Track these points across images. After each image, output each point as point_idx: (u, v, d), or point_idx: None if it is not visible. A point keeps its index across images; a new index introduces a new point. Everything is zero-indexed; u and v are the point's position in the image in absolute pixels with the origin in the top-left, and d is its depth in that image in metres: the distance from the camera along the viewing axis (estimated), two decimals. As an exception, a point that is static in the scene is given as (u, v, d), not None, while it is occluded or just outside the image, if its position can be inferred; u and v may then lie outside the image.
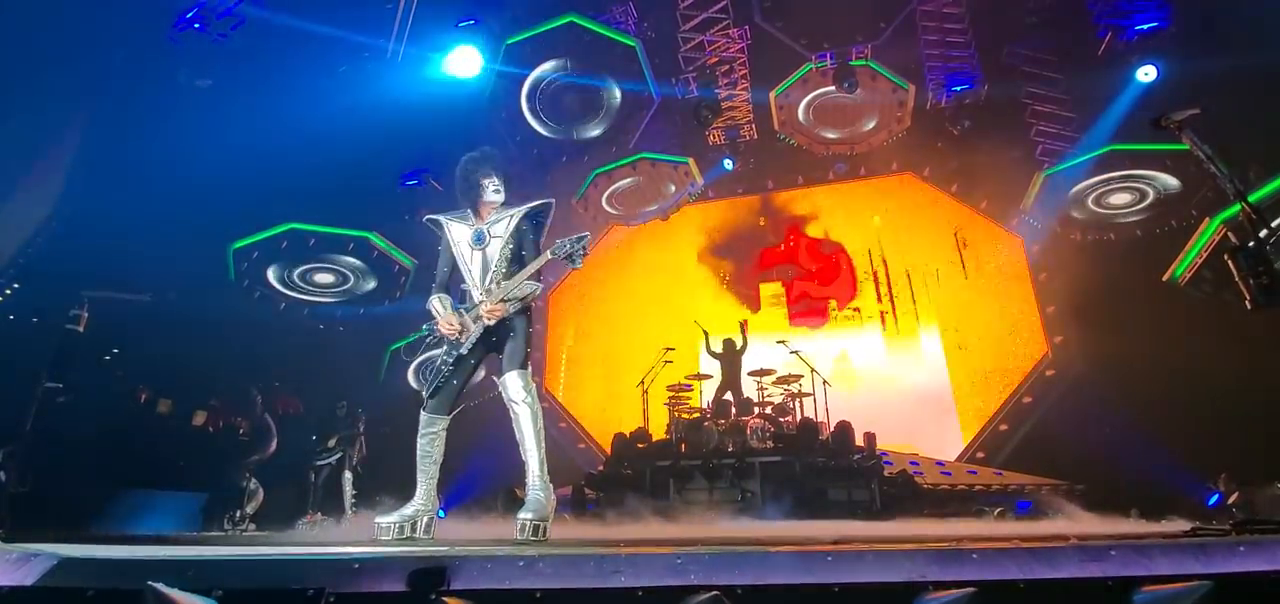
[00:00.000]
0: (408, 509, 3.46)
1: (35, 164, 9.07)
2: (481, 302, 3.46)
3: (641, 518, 7.92)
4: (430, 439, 3.49)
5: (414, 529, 3.42)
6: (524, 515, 3.02)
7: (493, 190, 3.64)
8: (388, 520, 3.40)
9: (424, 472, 3.49)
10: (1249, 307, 2.54)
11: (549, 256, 3.47)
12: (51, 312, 5.22)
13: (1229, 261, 2.65)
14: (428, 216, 3.88)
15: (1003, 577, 1.73)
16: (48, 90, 9.25)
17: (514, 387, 3.31)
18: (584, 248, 3.44)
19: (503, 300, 3.42)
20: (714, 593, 1.40)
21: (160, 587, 1.25)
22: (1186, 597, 1.69)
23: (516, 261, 3.55)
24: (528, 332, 3.48)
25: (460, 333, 3.49)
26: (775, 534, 5.07)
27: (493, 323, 3.44)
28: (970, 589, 1.51)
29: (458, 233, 3.68)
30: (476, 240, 3.58)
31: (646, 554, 1.69)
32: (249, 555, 1.69)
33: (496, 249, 3.53)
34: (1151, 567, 1.84)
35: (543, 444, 3.28)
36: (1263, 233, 2.42)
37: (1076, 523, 7.45)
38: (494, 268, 3.50)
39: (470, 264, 3.60)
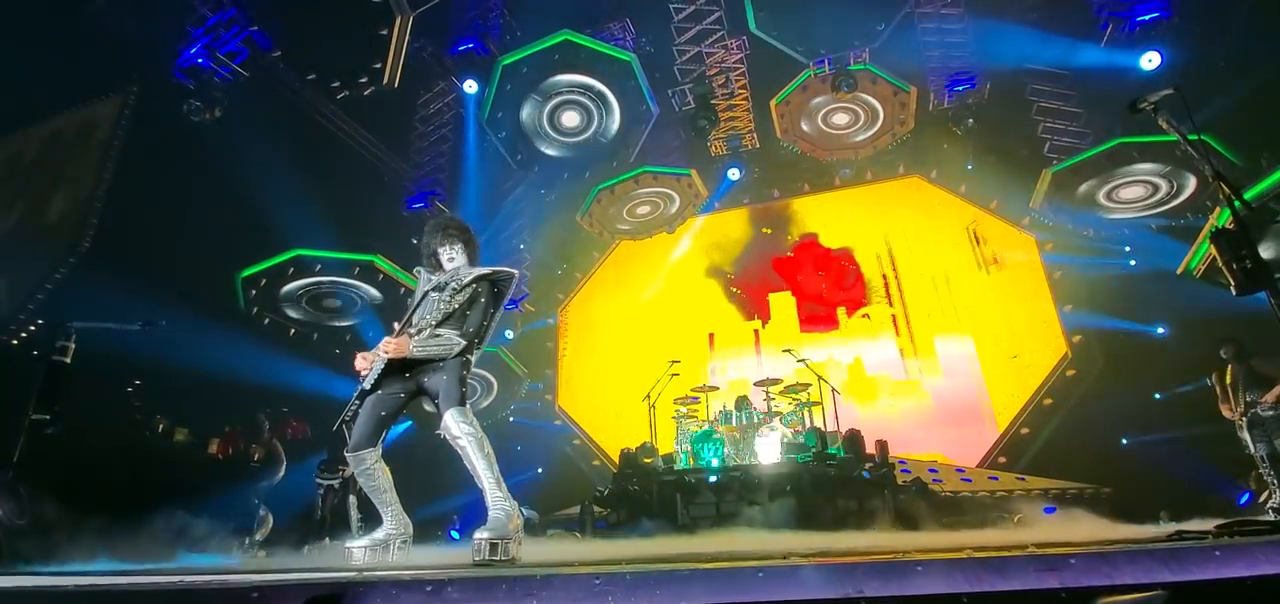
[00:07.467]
0: (379, 534, 3.42)
1: (57, 200, 9.35)
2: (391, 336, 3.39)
3: (646, 533, 7.79)
4: (367, 474, 3.40)
5: (386, 552, 3.38)
6: (480, 534, 2.95)
7: (447, 259, 3.61)
8: (358, 545, 3.36)
9: (381, 502, 3.43)
10: (1234, 293, 2.39)
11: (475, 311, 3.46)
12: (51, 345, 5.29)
13: (1213, 246, 2.49)
14: (416, 268, 3.84)
15: (949, 590, 1.63)
16: (66, 125, 9.55)
17: (453, 425, 3.21)
18: (510, 282, 3.58)
19: (411, 337, 3.33)
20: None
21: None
22: (1139, 609, 1.56)
23: (457, 318, 3.44)
24: (461, 373, 3.36)
25: (366, 369, 3.41)
26: (747, 549, 4.91)
27: (390, 356, 3.31)
28: (894, 606, 1.39)
29: (426, 279, 3.65)
30: (439, 287, 3.52)
31: (563, 576, 1.61)
32: (129, 585, 1.64)
33: (446, 297, 3.46)
34: (1114, 576, 1.72)
35: (495, 466, 3.19)
36: (1236, 205, 2.27)
37: (1097, 528, 7.17)
38: (431, 314, 3.42)
39: (418, 300, 3.55)
